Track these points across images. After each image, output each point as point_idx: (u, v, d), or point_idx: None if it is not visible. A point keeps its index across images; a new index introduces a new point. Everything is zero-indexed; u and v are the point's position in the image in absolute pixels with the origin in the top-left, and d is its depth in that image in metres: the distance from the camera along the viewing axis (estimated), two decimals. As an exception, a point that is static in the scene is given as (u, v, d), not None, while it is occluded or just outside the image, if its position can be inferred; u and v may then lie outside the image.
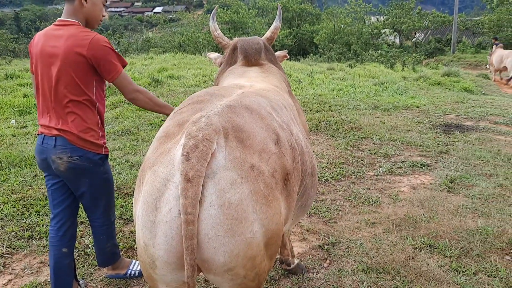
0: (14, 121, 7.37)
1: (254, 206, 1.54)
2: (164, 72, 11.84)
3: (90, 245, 3.44)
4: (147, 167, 1.64)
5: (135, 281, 3.00)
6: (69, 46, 2.38)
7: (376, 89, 10.33)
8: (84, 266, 3.17)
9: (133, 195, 1.94)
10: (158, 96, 9.11)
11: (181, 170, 1.44)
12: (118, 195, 4.22)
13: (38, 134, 2.56)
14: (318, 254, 3.30)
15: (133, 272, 3.05)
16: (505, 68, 14.86)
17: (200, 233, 1.47)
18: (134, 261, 3.11)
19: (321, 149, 5.70)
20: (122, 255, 3.30)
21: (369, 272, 3.00)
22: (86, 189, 2.60)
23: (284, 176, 1.73)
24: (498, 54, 15.06)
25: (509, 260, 3.09)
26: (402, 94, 9.96)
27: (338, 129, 6.57)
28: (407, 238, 3.42)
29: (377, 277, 2.93)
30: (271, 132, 1.76)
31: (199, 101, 1.89)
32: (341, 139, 6.09)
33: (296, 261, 3.06)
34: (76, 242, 3.02)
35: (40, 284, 2.98)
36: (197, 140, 1.49)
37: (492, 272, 2.95)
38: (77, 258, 3.25)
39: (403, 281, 2.88)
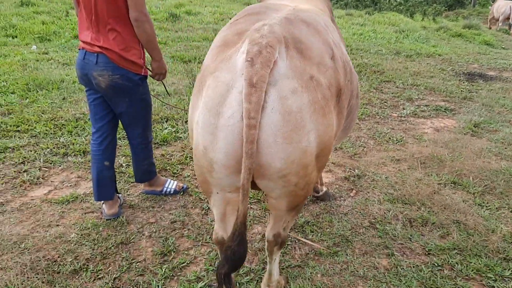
0: (35, 46, 7.36)
1: (311, 115, 1.59)
2: (181, 8, 11.64)
3: (123, 164, 3.57)
4: (207, 74, 1.67)
5: (170, 198, 3.13)
6: None
7: (397, 36, 10.15)
8: (120, 182, 3.30)
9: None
10: (176, 32, 9.01)
11: (245, 75, 1.48)
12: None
13: (79, 49, 2.58)
14: (345, 184, 3.41)
15: (168, 190, 3.18)
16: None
17: (260, 138, 1.53)
18: (169, 180, 3.24)
19: (344, 89, 5.70)
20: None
21: (395, 202, 3.11)
22: (125, 109, 2.67)
23: (337, 91, 1.78)
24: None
25: (531, 199, 3.19)
26: (423, 43, 9.80)
27: (361, 71, 6.53)
28: (431, 175, 3.51)
29: (403, 207, 3.05)
30: (327, 46, 1.79)
31: (255, 12, 1.90)
32: (363, 81, 6.07)
33: (324, 189, 3.17)
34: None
35: (79, 195, 3.12)
36: (261, 46, 1.52)
37: (514, 208, 3.06)
38: (113, 174, 3.38)
39: (429, 211, 2.99)
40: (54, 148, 3.79)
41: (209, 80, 1.64)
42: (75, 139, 3.94)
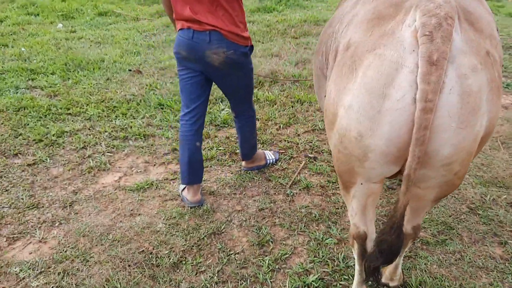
0: (61, 25, 7.11)
1: (488, 96, 1.40)
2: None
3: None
4: (363, 51, 1.47)
5: (249, 183, 2.96)
6: None
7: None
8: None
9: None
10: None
11: (423, 52, 1.28)
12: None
13: (180, 29, 2.45)
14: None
15: (271, 161, 3.20)
16: None
17: (433, 122, 1.35)
18: (265, 151, 3.22)
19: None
20: (226, 160, 3.26)
21: (488, 186, 2.94)
22: (237, 82, 2.62)
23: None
24: None
25: None
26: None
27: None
28: (515, 155, 3.33)
29: (499, 191, 2.87)
30: (491, 16, 1.60)
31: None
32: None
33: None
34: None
35: (153, 182, 2.96)
36: (440, 18, 1.31)
37: None
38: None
39: (528, 195, 2.83)
40: (112, 132, 3.61)
41: (368, 59, 1.43)
42: (131, 122, 3.75)
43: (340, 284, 2.16)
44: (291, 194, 2.86)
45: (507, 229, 2.53)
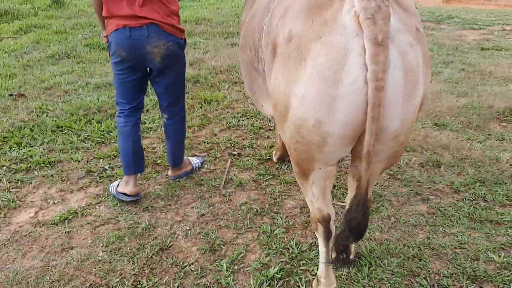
0: None
1: (423, 69, 1.54)
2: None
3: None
4: (307, 41, 1.50)
5: (182, 192, 2.87)
6: None
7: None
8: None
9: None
10: (60, 17, 8.17)
11: (369, 34, 1.36)
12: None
13: (115, 30, 2.39)
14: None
15: (197, 165, 3.14)
16: None
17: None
18: (186, 156, 3.11)
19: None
20: (149, 172, 3.12)
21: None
22: (174, 77, 2.64)
23: None
24: None
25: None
26: None
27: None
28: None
29: (409, 155, 3.18)
30: None
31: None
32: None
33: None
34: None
35: (75, 210, 2.71)
36: (378, 1, 1.42)
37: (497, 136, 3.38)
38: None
39: (433, 153, 3.16)
40: (11, 165, 3.21)
41: (316, 47, 1.47)
42: (30, 151, 3.38)
43: (300, 270, 2.21)
44: (227, 194, 2.84)
45: (425, 187, 2.81)
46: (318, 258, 2.26)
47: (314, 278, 2.10)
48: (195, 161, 3.13)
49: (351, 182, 1.94)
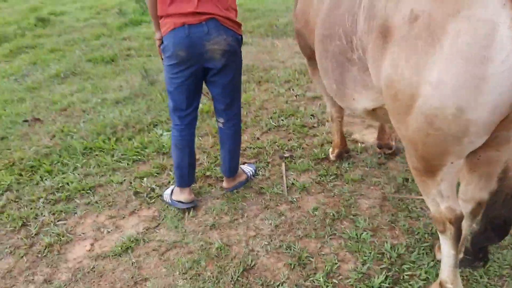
0: None
1: None
2: (40, 11, 10.16)
3: (154, 186, 2.94)
4: (444, 17, 1.29)
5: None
6: None
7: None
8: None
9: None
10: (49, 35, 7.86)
11: None
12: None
13: (172, 29, 2.23)
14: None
15: (252, 173, 2.93)
16: None
17: None
18: (240, 165, 2.91)
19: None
20: (202, 187, 2.91)
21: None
22: (232, 76, 2.47)
23: None
24: None
25: None
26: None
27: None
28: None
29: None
30: None
31: None
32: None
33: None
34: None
35: (135, 237, 2.49)
36: None
37: None
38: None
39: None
40: (48, 196, 2.96)
41: (454, 24, 1.28)
42: (64, 178, 3.13)
43: (406, 275, 2.02)
44: (294, 200, 2.64)
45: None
46: (421, 260, 2.10)
47: (425, 283, 1.92)
48: (248, 169, 2.93)
49: (469, 175, 1.75)
